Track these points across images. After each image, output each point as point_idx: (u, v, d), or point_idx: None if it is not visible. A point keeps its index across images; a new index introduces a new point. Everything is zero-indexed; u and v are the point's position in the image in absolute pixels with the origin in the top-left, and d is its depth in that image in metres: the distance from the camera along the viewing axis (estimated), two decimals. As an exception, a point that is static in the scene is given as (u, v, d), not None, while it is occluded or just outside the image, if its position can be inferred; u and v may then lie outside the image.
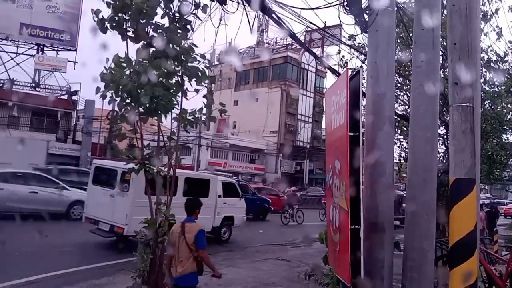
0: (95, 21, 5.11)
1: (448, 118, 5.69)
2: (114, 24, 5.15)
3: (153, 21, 5.31)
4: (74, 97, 30.73)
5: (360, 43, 10.64)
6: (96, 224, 10.14)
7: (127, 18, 5.14)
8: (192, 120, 5.70)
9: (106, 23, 5.13)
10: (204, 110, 5.82)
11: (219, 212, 12.33)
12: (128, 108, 5.30)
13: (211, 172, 18.41)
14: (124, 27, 5.20)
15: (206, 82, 5.92)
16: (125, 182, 9.87)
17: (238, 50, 46.53)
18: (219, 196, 12.39)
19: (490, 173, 13.75)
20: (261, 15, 6.98)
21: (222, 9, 6.03)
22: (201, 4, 5.51)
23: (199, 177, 12.54)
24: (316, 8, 6.46)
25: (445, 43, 7.15)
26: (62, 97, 31.21)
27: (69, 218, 13.39)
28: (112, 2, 5.03)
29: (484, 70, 11.15)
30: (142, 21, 5.20)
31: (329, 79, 43.98)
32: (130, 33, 5.25)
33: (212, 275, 4.84)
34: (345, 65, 11.30)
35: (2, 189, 12.36)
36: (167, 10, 5.27)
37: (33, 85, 30.15)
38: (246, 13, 6.32)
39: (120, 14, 5.11)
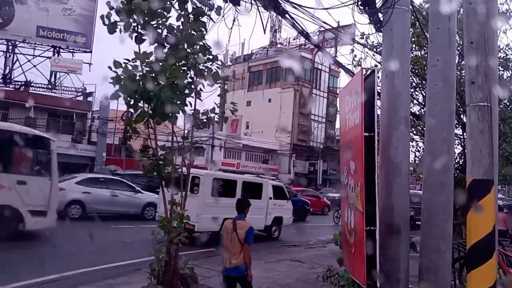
0: (105, 25, 5.16)
1: (465, 118, 5.61)
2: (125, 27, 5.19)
3: (167, 23, 5.34)
4: (90, 98, 31.14)
5: (373, 42, 10.56)
6: None
7: (138, 20, 5.17)
8: (205, 120, 5.73)
9: (118, 26, 5.17)
10: (217, 110, 5.84)
11: (270, 213, 13.61)
12: (142, 109, 5.34)
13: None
14: (136, 29, 5.24)
15: (220, 82, 5.95)
16: (195, 185, 11.26)
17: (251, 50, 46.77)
18: (270, 198, 13.69)
19: (508, 174, 13.48)
20: (274, 15, 6.98)
21: (236, 10, 6.05)
22: (215, 6, 5.54)
23: (254, 181, 13.91)
24: (330, 8, 6.43)
25: (461, 42, 7.05)
26: (78, 98, 31.66)
27: (143, 219, 14.91)
28: (121, 6, 5.07)
29: (501, 69, 10.96)
30: (152, 23, 5.23)
31: (343, 79, 43.78)
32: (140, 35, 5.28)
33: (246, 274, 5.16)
34: (359, 64, 11.22)
35: (90, 193, 14.14)
36: (182, 12, 5.30)
37: (49, 86, 30.65)
38: (260, 13, 6.33)
39: (131, 17, 5.14)
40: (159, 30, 5.36)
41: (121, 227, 13.28)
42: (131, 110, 5.52)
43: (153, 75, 5.10)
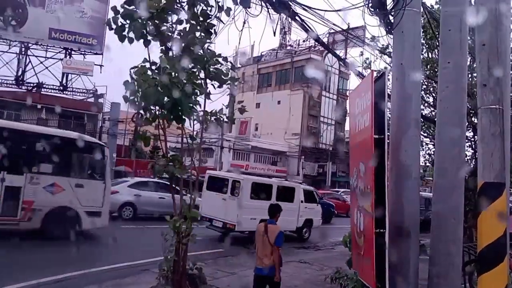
0: (111, 29, 5.20)
1: (476, 120, 5.56)
2: (133, 30, 5.22)
3: (176, 25, 5.36)
4: (101, 100, 31.39)
5: (384, 45, 10.53)
6: (210, 221, 12.59)
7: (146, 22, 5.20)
8: (214, 121, 5.74)
9: (126, 31, 5.20)
10: (225, 110, 5.86)
11: (301, 215, 14.46)
12: (152, 111, 5.37)
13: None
14: (145, 32, 5.26)
15: (229, 84, 5.96)
16: (235, 189, 12.60)
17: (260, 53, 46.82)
18: (302, 202, 14.55)
19: None
20: (284, 17, 7.00)
21: (246, 12, 6.08)
22: (225, 7, 5.56)
23: (287, 185, 14.69)
24: (340, 10, 6.43)
25: (473, 44, 7.00)
26: (89, 99, 31.94)
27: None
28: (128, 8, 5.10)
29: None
30: (159, 24, 5.26)
31: (353, 81, 43.63)
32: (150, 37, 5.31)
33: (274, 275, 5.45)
34: (369, 66, 11.20)
35: (140, 196, 15.49)
36: (191, 14, 5.32)
37: (61, 88, 30.99)
38: (270, 16, 6.35)
39: (139, 20, 5.17)
40: (169, 33, 5.38)
41: (155, 227, 13.15)
42: (142, 112, 5.57)
43: (169, 79, 5.11)
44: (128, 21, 5.17)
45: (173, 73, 5.18)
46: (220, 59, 5.50)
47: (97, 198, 10.30)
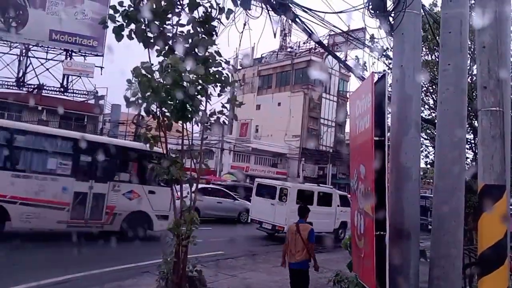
0: (106, 27, 5.19)
1: (476, 123, 5.56)
2: (134, 31, 5.21)
3: (177, 27, 5.36)
4: (101, 101, 31.43)
5: (382, 46, 10.53)
6: (260, 224, 14.92)
7: (147, 23, 5.19)
8: (214, 122, 5.73)
9: (125, 30, 5.20)
10: (225, 111, 5.86)
11: (338, 218, 16.15)
12: (155, 113, 5.36)
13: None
14: (145, 33, 5.25)
15: (230, 87, 5.96)
16: (283, 195, 14.60)
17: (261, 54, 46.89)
18: (338, 206, 16.23)
19: None
20: (284, 19, 7.00)
21: (246, 14, 6.08)
22: (225, 9, 5.56)
23: (326, 191, 16.34)
24: (341, 12, 6.43)
25: (473, 46, 7.00)
26: (89, 101, 31.99)
27: (239, 222, 18.58)
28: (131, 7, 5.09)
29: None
30: (159, 25, 5.25)
31: (353, 83, 43.66)
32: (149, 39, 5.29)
33: (313, 266, 6.45)
34: (364, 66, 11.24)
35: (202, 200, 16.40)
36: (192, 15, 5.33)
37: (62, 89, 31.03)
38: (270, 18, 6.35)
39: (140, 21, 5.15)
40: (169, 34, 5.38)
41: (218, 227, 16.13)
42: (142, 113, 5.56)
43: (175, 80, 5.09)
44: (126, 21, 5.16)
45: (177, 74, 5.16)
46: (222, 62, 5.50)
47: (166, 203, 10.76)
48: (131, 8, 5.13)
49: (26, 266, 7.44)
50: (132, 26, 5.26)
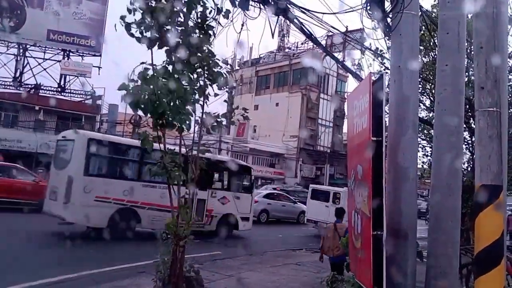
0: (122, 25, 5.15)
1: (473, 123, 5.58)
2: (141, 30, 5.18)
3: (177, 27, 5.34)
4: (98, 102, 31.38)
5: (377, 48, 10.56)
6: (315, 223, 17.60)
7: (152, 24, 5.16)
8: (215, 124, 5.71)
9: (134, 28, 5.16)
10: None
11: None
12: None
13: None
14: (150, 33, 5.22)
15: (227, 87, 5.95)
16: (336, 198, 17.15)
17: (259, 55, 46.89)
18: None
19: None
20: (282, 20, 7.01)
21: (244, 14, 6.08)
22: (223, 10, 5.55)
23: None
24: (339, 12, 6.45)
25: (471, 47, 7.02)
26: (87, 101, 31.92)
27: (298, 223, 20.67)
28: (139, 8, 5.06)
29: (511, 73, 10.88)
30: (164, 27, 5.23)
31: (351, 84, 43.74)
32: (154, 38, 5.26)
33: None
34: (358, 66, 11.28)
35: (270, 204, 20.44)
36: (189, 15, 5.31)
37: (59, 89, 30.96)
38: (268, 18, 6.36)
39: (147, 20, 5.12)
40: (170, 34, 5.35)
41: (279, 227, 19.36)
42: (140, 113, 5.52)
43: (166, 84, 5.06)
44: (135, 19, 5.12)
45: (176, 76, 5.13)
46: (219, 62, 5.48)
47: (247, 207, 14.13)
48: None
49: (21, 266, 7.41)
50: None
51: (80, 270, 7.51)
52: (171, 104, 5.06)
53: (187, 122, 5.33)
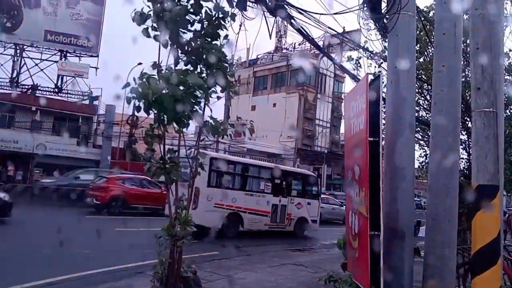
0: (133, 20, 5.09)
1: (470, 124, 5.60)
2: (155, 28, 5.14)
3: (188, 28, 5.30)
4: (96, 102, 31.32)
5: (372, 50, 10.61)
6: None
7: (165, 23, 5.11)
8: (221, 130, 5.67)
9: (150, 27, 5.12)
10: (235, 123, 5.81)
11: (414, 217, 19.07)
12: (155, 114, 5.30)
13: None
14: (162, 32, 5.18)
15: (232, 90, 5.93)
16: None
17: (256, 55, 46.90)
18: None
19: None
20: (280, 20, 7.01)
21: (242, 15, 6.09)
22: (229, 12, 5.50)
23: None
24: (336, 13, 6.47)
25: (467, 48, 7.04)
26: (84, 102, 31.85)
27: (344, 224, 20.31)
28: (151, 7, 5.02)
29: (507, 74, 10.94)
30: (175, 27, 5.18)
31: (348, 84, 43.80)
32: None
33: None
34: (358, 64, 11.33)
35: (323, 207, 20.50)
36: (197, 17, 5.27)
37: (56, 90, 30.87)
38: (266, 19, 6.37)
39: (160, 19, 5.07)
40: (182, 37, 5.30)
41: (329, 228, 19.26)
42: (136, 114, 5.51)
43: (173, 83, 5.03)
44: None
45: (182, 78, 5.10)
46: (225, 65, 5.45)
47: (315, 211, 16.36)
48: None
49: (18, 267, 7.39)
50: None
51: (76, 271, 7.48)
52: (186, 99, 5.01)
53: (191, 118, 5.30)
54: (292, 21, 6.60)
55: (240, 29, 6.45)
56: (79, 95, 31.56)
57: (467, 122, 9.22)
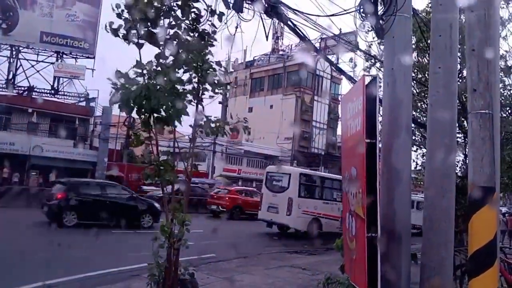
0: (107, 31, 5.14)
1: (466, 125, 5.61)
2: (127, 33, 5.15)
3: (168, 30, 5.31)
4: (92, 104, 31.24)
5: (370, 51, 10.62)
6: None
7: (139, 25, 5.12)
8: (215, 130, 5.66)
9: (120, 32, 5.13)
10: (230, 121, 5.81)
11: None
12: (144, 114, 5.30)
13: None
14: (138, 35, 5.20)
15: (222, 89, 5.94)
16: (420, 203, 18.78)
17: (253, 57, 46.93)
18: None
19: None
20: (276, 22, 7.01)
21: (239, 16, 6.08)
22: (217, 12, 5.54)
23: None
24: (332, 15, 6.47)
25: (463, 49, 7.05)
26: (80, 104, 31.77)
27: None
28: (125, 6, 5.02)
29: (503, 75, 10.97)
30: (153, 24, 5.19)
31: (345, 86, 43.89)
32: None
33: None
34: (353, 65, 11.39)
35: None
36: (184, 18, 5.30)
37: (52, 92, 30.77)
38: (262, 20, 6.37)
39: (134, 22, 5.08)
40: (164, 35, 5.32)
41: None
42: (134, 116, 5.49)
43: (154, 81, 5.05)
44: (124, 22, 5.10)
45: (165, 77, 5.11)
46: (213, 64, 5.46)
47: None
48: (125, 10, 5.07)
49: (13, 270, 7.35)
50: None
51: (72, 274, 7.45)
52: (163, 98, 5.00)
53: (180, 116, 5.27)
54: (289, 22, 6.60)
55: (236, 30, 6.44)
56: (76, 96, 31.46)
57: (463, 124, 9.24)
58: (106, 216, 12.50)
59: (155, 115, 5.25)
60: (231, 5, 5.94)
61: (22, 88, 30.38)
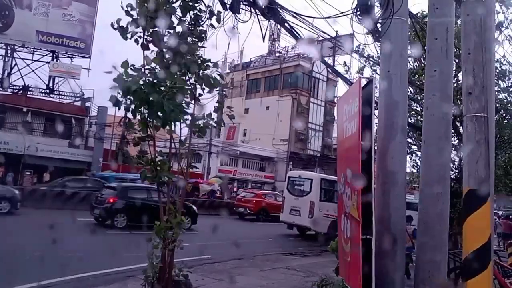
0: (115, 29, 5.14)
1: (461, 128, 5.64)
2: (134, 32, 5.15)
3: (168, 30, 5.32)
4: (88, 104, 31.09)
5: (367, 53, 10.64)
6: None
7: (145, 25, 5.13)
8: (203, 126, 5.67)
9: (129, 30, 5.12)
10: (214, 115, 5.81)
11: None
12: (142, 114, 5.29)
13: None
14: (143, 35, 5.21)
15: (218, 89, 5.94)
16: None
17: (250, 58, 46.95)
18: None
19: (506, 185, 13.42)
20: (273, 24, 7.02)
21: (235, 18, 6.08)
22: (215, 12, 5.54)
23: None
24: (329, 17, 6.48)
25: (459, 53, 7.09)
26: (76, 103, 31.62)
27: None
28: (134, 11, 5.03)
29: (497, 79, 11.03)
30: (156, 28, 5.21)
31: (341, 88, 43.99)
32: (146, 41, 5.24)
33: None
34: (348, 69, 11.43)
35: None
36: (183, 18, 5.29)
37: (48, 91, 30.60)
38: (259, 22, 6.37)
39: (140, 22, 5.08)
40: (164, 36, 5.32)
41: None
42: (130, 116, 5.48)
43: (155, 81, 5.06)
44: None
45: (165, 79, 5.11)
46: (210, 64, 5.46)
47: None
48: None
49: (7, 271, 7.29)
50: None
51: (67, 275, 7.40)
52: (163, 100, 5.01)
53: (178, 117, 5.27)
54: (285, 24, 6.61)
55: (232, 32, 6.43)
56: (71, 96, 31.30)
57: (458, 127, 9.28)
58: (151, 218, 12.71)
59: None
60: (228, 6, 5.94)
61: (17, 87, 30.19)
